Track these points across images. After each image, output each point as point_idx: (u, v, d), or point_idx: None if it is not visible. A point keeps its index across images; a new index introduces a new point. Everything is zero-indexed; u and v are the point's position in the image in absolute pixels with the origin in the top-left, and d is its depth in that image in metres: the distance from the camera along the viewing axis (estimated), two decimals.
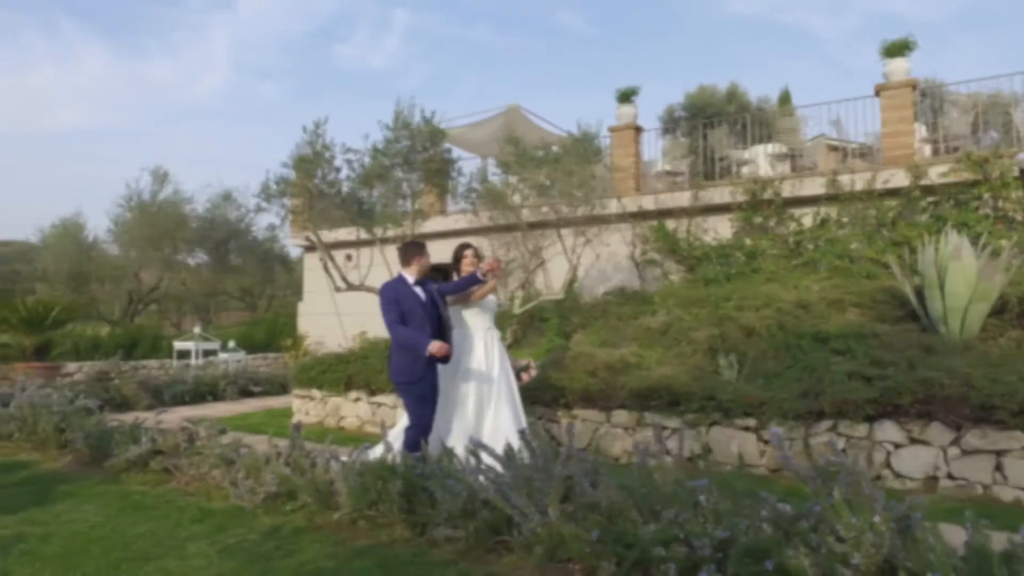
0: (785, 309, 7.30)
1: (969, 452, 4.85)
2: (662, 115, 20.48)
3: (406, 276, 5.04)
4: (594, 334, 7.68)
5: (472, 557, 3.56)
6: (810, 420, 5.34)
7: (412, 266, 5.08)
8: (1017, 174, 8.13)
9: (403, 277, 5.05)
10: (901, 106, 9.02)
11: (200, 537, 3.99)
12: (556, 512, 3.21)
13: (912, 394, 5.03)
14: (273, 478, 4.48)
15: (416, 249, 5.19)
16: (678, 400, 5.76)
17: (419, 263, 5.09)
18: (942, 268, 6.45)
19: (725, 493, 3.04)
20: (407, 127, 6.83)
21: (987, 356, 5.58)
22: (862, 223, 8.98)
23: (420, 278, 5.07)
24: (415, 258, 5.10)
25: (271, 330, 14.00)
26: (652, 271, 10.22)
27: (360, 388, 7.70)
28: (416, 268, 5.07)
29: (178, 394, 9.42)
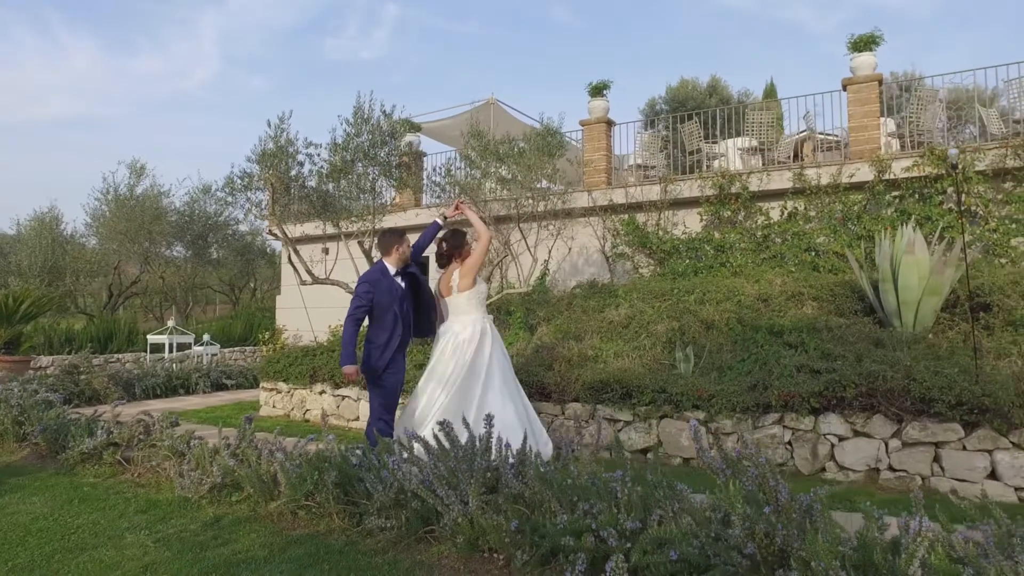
0: (746, 303, 7.38)
1: (909, 444, 4.92)
2: (644, 108, 20.58)
3: (387, 266, 5.01)
4: (557, 327, 7.74)
5: (402, 546, 3.62)
6: (757, 413, 5.41)
7: (392, 255, 5.01)
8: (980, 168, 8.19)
9: (384, 267, 5.00)
10: (867, 100, 9.07)
11: (141, 527, 4.03)
12: (476, 503, 3.27)
13: (856, 387, 5.10)
14: (218, 470, 4.53)
15: (395, 237, 5.08)
16: (630, 393, 5.82)
17: (398, 252, 5.02)
18: (896, 263, 6.52)
19: (639, 485, 3.10)
20: (367, 122, 6.85)
21: (934, 349, 5.65)
22: (828, 217, 9.05)
23: (401, 267, 5.05)
24: (394, 247, 5.02)
25: (249, 324, 14.02)
26: (623, 264, 10.27)
27: (325, 381, 7.75)
28: (396, 257, 5.01)
29: (149, 387, 9.44)
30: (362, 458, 4.12)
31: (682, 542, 2.71)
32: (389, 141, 7.00)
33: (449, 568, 3.35)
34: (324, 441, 4.35)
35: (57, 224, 14.51)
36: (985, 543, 2.26)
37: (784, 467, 5.29)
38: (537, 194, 7.53)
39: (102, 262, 15.14)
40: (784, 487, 2.83)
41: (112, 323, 11.82)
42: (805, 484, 5.05)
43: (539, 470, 3.27)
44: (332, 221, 7.39)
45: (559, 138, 7.52)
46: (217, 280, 19.40)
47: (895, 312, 6.51)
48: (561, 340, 7.35)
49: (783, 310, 7.06)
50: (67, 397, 7.92)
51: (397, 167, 7.19)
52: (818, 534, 2.55)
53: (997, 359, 5.48)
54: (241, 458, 4.68)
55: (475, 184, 7.78)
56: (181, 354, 11.38)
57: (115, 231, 14.07)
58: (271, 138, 7.12)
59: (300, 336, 13.24)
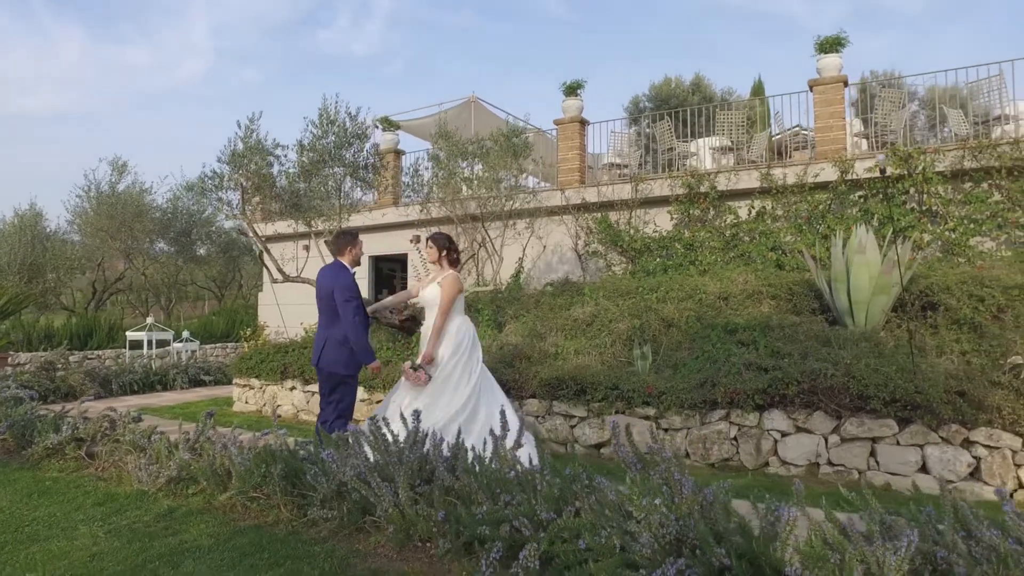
0: (707, 301, 7.53)
1: (848, 440, 5.09)
2: (628, 106, 20.70)
3: (345, 265, 5.13)
4: (524, 325, 7.89)
5: (342, 536, 3.77)
6: (705, 409, 5.58)
7: (346, 255, 5.15)
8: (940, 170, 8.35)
9: (343, 264, 5.11)
10: (832, 101, 9.23)
11: (95, 519, 4.18)
12: (406, 495, 3.42)
13: (798, 384, 5.27)
14: (175, 463, 4.68)
15: (349, 238, 5.20)
16: (585, 389, 5.98)
17: (351, 253, 5.16)
18: (848, 262, 6.68)
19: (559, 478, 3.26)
20: (333, 124, 6.98)
21: (879, 348, 5.81)
22: (795, 216, 9.21)
23: (353, 267, 5.19)
24: (347, 247, 5.14)
25: (231, 320, 14.15)
26: (596, 262, 10.43)
27: (295, 377, 7.89)
28: (349, 257, 5.15)
29: (126, 384, 9.57)
30: (311, 452, 4.28)
31: (589, 532, 2.87)
32: (354, 142, 7.15)
33: (383, 556, 3.51)
34: (275, 435, 4.50)
35: (38, 221, 14.59)
36: (850, 530, 2.42)
37: (730, 462, 5.46)
38: (506, 193, 7.67)
39: (84, 259, 15.24)
40: (688, 481, 2.99)
41: (92, 320, 11.93)
42: (749, 478, 5.25)
43: (467, 464, 3.43)
44: (302, 220, 7.53)
45: (524, 139, 7.66)
46: (203, 277, 19.52)
47: (847, 311, 6.67)
48: (526, 338, 7.51)
49: (742, 308, 7.22)
50: (43, 394, 8.06)
51: (365, 167, 7.33)
52: (710, 524, 2.72)
53: (939, 356, 5.66)
54: (199, 452, 4.83)
55: (452, 184, 7.91)
56: (162, 351, 11.50)
57: (96, 228, 14.16)
58: (241, 138, 7.25)
59: (282, 332, 13.37)
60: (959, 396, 4.81)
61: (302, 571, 3.34)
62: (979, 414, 4.71)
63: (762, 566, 2.47)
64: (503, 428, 3.58)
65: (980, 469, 4.69)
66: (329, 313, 5.01)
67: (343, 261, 5.13)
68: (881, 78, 16.36)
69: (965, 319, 6.15)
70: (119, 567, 3.42)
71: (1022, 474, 4.58)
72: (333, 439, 4.09)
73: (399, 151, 12.09)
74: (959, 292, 6.35)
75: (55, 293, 15.21)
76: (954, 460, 4.73)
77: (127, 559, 3.53)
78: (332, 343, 4.97)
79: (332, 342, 4.98)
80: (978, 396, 4.77)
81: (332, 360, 4.96)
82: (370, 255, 11.98)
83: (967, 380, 4.93)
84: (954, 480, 4.71)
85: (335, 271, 5.04)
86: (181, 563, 3.47)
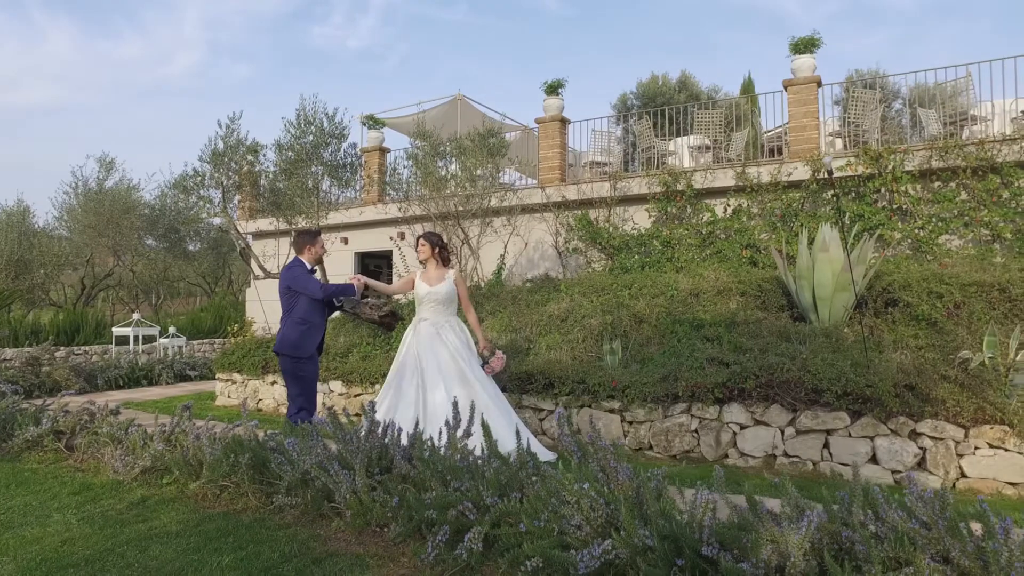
0: (678, 297, 7.70)
1: (803, 432, 5.27)
2: (616, 103, 20.86)
3: (304, 262, 5.34)
4: (501, 321, 8.05)
5: (306, 522, 3.94)
6: (668, 402, 5.75)
7: (305, 254, 5.38)
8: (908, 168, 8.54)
9: (302, 263, 5.33)
10: (806, 101, 9.40)
11: (70, 508, 4.33)
12: (363, 482, 3.59)
13: (756, 378, 5.44)
14: (149, 454, 4.83)
15: (309, 237, 5.45)
16: (552, 383, 6.15)
17: (310, 252, 5.39)
18: (813, 259, 6.86)
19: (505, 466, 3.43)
20: (310, 124, 7.14)
21: (839, 343, 5.99)
22: (769, 214, 9.39)
23: (313, 265, 5.39)
24: (307, 246, 5.40)
25: (219, 316, 14.29)
26: (576, 259, 10.60)
27: (276, 372, 8.04)
28: (309, 256, 5.38)
29: (112, 379, 9.71)
30: (279, 443, 4.44)
31: (528, 515, 3.04)
32: (332, 142, 7.30)
33: (342, 540, 3.67)
34: (244, 427, 4.66)
35: (26, 217, 14.70)
36: (761, 512, 2.59)
37: (691, 454, 5.64)
38: (481, 192, 7.83)
39: (72, 255, 15.36)
40: (624, 468, 3.17)
41: (79, 316, 12.06)
42: (708, 469, 5.41)
43: (421, 453, 3.59)
44: (282, 217, 7.68)
45: (500, 138, 7.82)
46: (193, 273, 19.66)
47: (811, 307, 6.86)
48: (501, 333, 7.67)
49: (711, 305, 7.39)
50: (27, 389, 8.20)
51: (343, 166, 7.49)
52: (640, 509, 2.89)
53: (896, 351, 5.83)
54: (174, 443, 4.99)
55: (429, 182, 8.07)
56: (149, 346, 11.64)
57: (84, 225, 14.28)
58: (222, 138, 7.39)
59: (269, 328, 13.52)
60: (908, 390, 4.98)
61: (262, 554, 3.50)
62: (925, 407, 4.89)
63: (683, 546, 2.63)
64: (455, 418, 3.75)
65: (926, 459, 4.87)
66: (287, 306, 5.31)
67: (303, 259, 5.35)
68: (865, 77, 16.55)
69: (923, 315, 6.33)
70: (88, 552, 3.58)
71: (964, 464, 4.76)
72: (298, 429, 4.26)
73: (384, 149, 12.23)
74: (918, 289, 6.52)
75: (43, 289, 15.33)
76: (902, 451, 4.91)
77: (97, 544, 3.68)
78: (286, 325, 5.27)
79: (286, 325, 5.28)
80: (925, 389, 4.95)
81: (284, 341, 5.22)
82: (355, 251, 12.14)
83: (916, 374, 5.11)
84: (901, 470, 4.89)
85: (289, 268, 5.30)
86: (148, 547, 3.63)
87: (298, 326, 5.22)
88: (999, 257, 7.83)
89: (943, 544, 2.46)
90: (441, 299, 5.49)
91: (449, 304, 5.56)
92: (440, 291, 5.49)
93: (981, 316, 6.17)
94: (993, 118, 9.21)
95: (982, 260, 7.48)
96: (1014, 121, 9.12)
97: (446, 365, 5.30)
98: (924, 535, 2.52)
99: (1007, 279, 6.40)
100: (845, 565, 2.46)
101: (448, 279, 5.52)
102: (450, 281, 5.53)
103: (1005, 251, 8.04)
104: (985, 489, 4.68)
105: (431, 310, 5.52)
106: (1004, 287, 6.34)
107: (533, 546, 2.82)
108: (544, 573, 2.83)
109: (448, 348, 5.38)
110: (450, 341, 5.41)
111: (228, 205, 7.64)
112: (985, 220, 8.15)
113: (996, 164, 8.09)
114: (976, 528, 2.57)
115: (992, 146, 8.09)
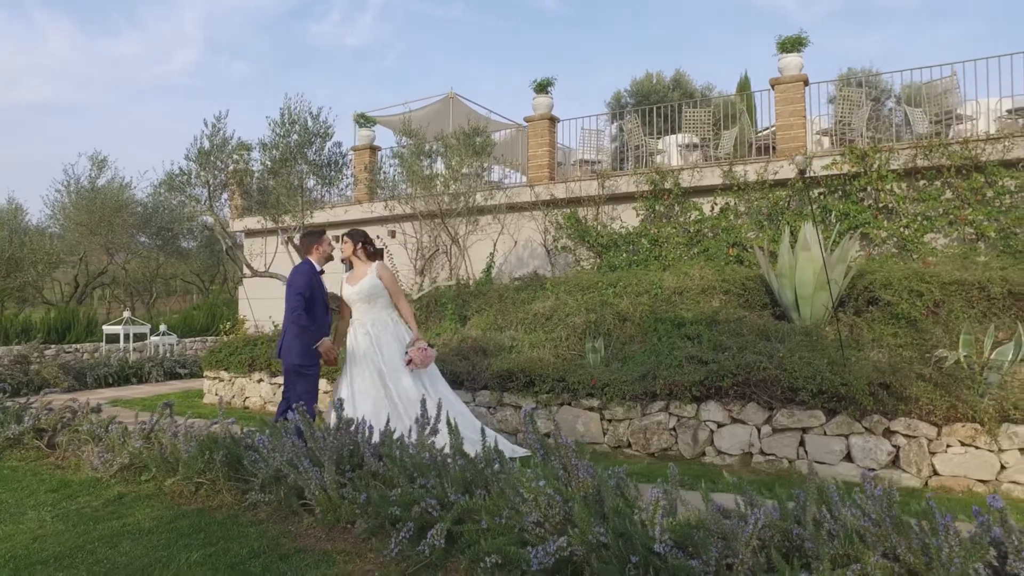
0: (662, 296, 7.74)
1: (779, 430, 5.30)
2: (610, 101, 20.87)
3: (313, 263, 5.35)
4: (486, 319, 8.09)
5: (278, 519, 3.97)
6: (646, 401, 5.78)
7: (313, 253, 5.39)
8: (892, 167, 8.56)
9: (311, 263, 5.34)
10: (793, 100, 9.42)
11: (46, 505, 4.37)
12: (332, 479, 3.62)
13: (733, 377, 5.47)
14: (127, 452, 4.87)
15: (315, 237, 5.46)
16: (533, 381, 6.18)
17: (319, 251, 5.40)
18: (795, 258, 6.89)
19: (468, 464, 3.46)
20: (295, 123, 7.17)
21: (818, 341, 6.02)
22: (756, 213, 9.41)
23: (322, 264, 5.41)
24: (315, 246, 5.40)
25: (212, 314, 14.32)
26: (565, 257, 10.62)
27: (262, 370, 8.08)
28: (317, 256, 5.39)
29: (101, 376, 9.74)
30: (255, 439, 4.47)
31: (488, 512, 3.07)
32: (316, 141, 7.33)
33: (312, 537, 3.70)
34: (221, 424, 4.70)
35: (17, 215, 14.72)
36: (712, 510, 2.62)
37: (669, 451, 5.67)
38: (465, 191, 7.85)
39: (64, 253, 15.38)
40: (585, 465, 3.20)
41: (71, 313, 12.10)
42: (686, 466, 5.44)
43: (390, 451, 3.63)
44: (269, 216, 7.71)
45: (486, 137, 7.84)
46: (187, 271, 19.70)
47: (793, 305, 6.89)
48: (486, 331, 7.71)
49: (694, 303, 7.42)
50: (16, 387, 8.23)
51: (328, 165, 7.52)
52: (596, 506, 2.92)
53: (875, 350, 5.86)
54: (152, 441, 5.02)
55: (412, 180, 8.10)
56: (140, 344, 11.67)
57: (76, 223, 14.31)
58: (207, 137, 7.42)
59: (262, 326, 13.54)
60: (882, 388, 5.00)
61: (231, 550, 3.53)
62: (899, 405, 4.92)
63: (635, 543, 2.67)
64: (423, 416, 3.78)
65: (899, 457, 4.90)
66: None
67: (311, 259, 5.35)
68: (859, 75, 16.54)
69: (903, 314, 6.37)
70: (59, 548, 3.62)
71: (936, 462, 4.79)
72: (270, 425, 4.30)
73: (375, 147, 12.26)
74: (899, 288, 6.56)
75: (36, 287, 15.36)
76: (876, 449, 4.94)
77: (68, 541, 3.72)
78: (289, 334, 5.23)
79: (289, 333, 5.23)
80: (900, 388, 4.97)
81: (288, 350, 5.21)
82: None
83: (891, 373, 5.13)
84: (875, 468, 4.91)
85: (295, 271, 5.28)
86: (119, 544, 3.67)
87: (297, 337, 5.15)
88: (983, 256, 7.85)
89: (891, 541, 2.49)
90: (364, 295, 5.31)
91: (374, 299, 5.33)
92: (362, 287, 5.30)
93: (960, 315, 6.20)
94: (978, 117, 9.23)
95: (965, 259, 7.50)
96: (999, 120, 9.14)
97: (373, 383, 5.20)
98: (874, 532, 2.55)
99: (987, 278, 6.43)
100: (794, 562, 2.49)
101: (371, 273, 5.31)
102: (372, 275, 5.30)
103: (989, 250, 8.06)
104: (956, 487, 4.71)
105: (360, 310, 5.37)
106: (984, 286, 6.37)
107: (491, 543, 2.85)
108: (504, 569, 2.87)
109: (378, 365, 5.24)
110: (387, 353, 5.26)
111: (215, 204, 7.67)
112: (969, 219, 8.16)
113: (980, 163, 8.10)
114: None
115: (976, 145, 8.11)
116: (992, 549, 2.38)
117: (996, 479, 4.63)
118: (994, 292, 6.28)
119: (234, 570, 3.30)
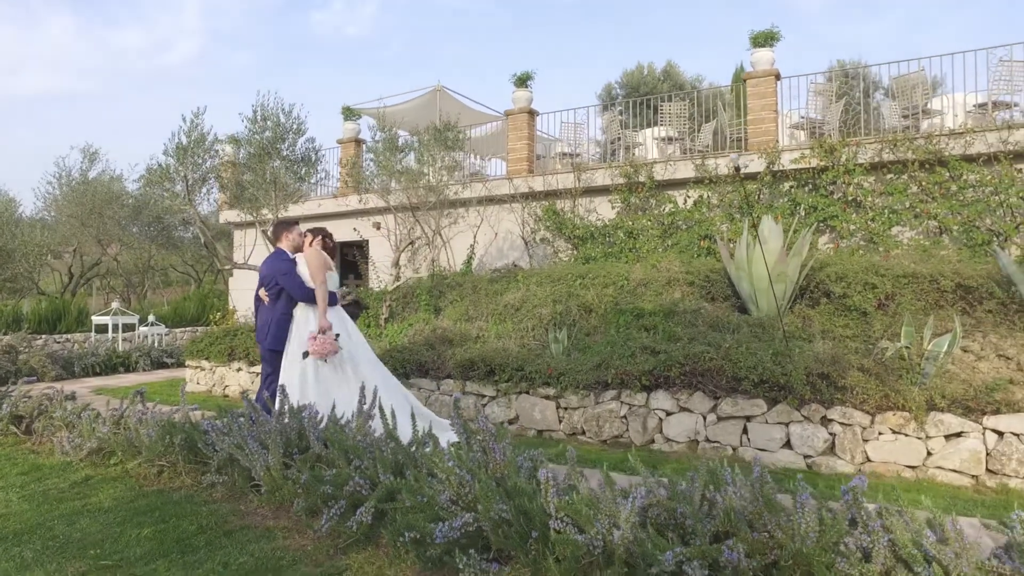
0: (627, 287, 7.92)
1: (724, 418, 5.50)
2: (600, 92, 20.98)
3: (286, 251, 5.56)
4: (458, 309, 8.30)
5: (232, 499, 4.21)
6: (599, 389, 5.99)
7: (283, 242, 5.61)
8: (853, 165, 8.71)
9: (281, 251, 5.56)
10: (764, 94, 9.57)
11: (15, 487, 4.61)
12: (276, 460, 3.85)
13: (681, 366, 5.67)
14: (95, 437, 5.11)
15: (285, 227, 5.66)
16: (493, 371, 6.39)
17: (287, 239, 5.61)
18: (751, 251, 7.06)
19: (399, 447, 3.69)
20: (267, 120, 7.36)
21: (768, 332, 6.21)
22: (728, 205, 9.58)
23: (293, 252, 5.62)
24: (283, 234, 5.62)
25: (202, 305, 14.58)
26: (543, 249, 10.82)
27: (241, 359, 8.32)
28: (287, 244, 5.60)
29: (89, 366, 10.00)
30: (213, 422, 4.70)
31: (410, 491, 3.29)
32: (288, 136, 7.53)
33: (260, 515, 3.94)
34: (182, 410, 4.93)
35: (9, 206, 14.96)
36: (599, 489, 2.84)
37: (620, 439, 5.88)
38: (437, 184, 8.05)
39: (56, 244, 15.64)
40: (501, 449, 3.42)
41: (62, 304, 12.36)
42: (633, 454, 5.65)
43: (329, 434, 3.85)
44: (246, 209, 7.93)
45: (456, 132, 8.03)
46: (181, 262, 19.98)
47: (750, 297, 7.08)
48: (458, 322, 7.92)
49: (656, 295, 7.60)
50: (3, 376, 8.49)
51: (300, 160, 7.72)
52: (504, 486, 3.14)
53: (824, 341, 6.05)
54: (122, 427, 5.26)
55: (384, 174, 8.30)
56: (129, 334, 11.93)
57: (67, 215, 14.57)
58: (185, 132, 7.63)
59: (250, 316, 13.80)
60: (821, 378, 5.20)
61: (180, 526, 3.77)
62: (836, 394, 5.11)
63: (535, 519, 2.89)
64: (360, 402, 4.00)
65: (835, 445, 5.10)
66: (272, 297, 5.47)
67: (282, 248, 5.56)
68: (840, 69, 16.64)
69: (855, 306, 6.54)
70: (19, 526, 3.86)
71: (869, 449, 4.99)
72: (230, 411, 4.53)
73: (359, 140, 12.44)
74: (853, 280, 6.73)
75: (30, 278, 15.65)
76: (813, 436, 5.14)
77: (30, 519, 3.96)
78: (276, 322, 5.42)
79: (276, 322, 5.43)
80: (837, 378, 5.16)
81: (277, 338, 5.40)
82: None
83: (831, 363, 5.31)
84: (812, 455, 5.12)
85: (273, 259, 5.49)
86: (77, 521, 3.91)
87: (284, 324, 5.37)
88: (946, 249, 8.01)
89: (763, 519, 2.70)
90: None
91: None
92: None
93: (909, 307, 6.38)
94: (947, 112, 9.36)
95: (925, 252, 7.66)
96: (968, 115, 9.27)
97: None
98: (750, 511, 2.76)
99: (939, 271, 6.59)
100: (672, 537, 2.71)
101: (299, 262, 5.42)
102: (301, 263, 5.40)
103: (953, 243, 8.22)
104: (887, 473, 4.91)
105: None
106: (935, 278, 6.54)
107: (407, 519, 3.08)
108: (419, 544, 3.09)
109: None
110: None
111: (194, 197, 7.88)
112: (933, 212, 8.33)
113: (944, 158, 8.26)
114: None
115: (940, 139, 8.26)
116: (849, 525, 2.59)
117: (923, 465, 4.83)
118: (944, 285, 6.45)
119: (179, 544, 3.53)
